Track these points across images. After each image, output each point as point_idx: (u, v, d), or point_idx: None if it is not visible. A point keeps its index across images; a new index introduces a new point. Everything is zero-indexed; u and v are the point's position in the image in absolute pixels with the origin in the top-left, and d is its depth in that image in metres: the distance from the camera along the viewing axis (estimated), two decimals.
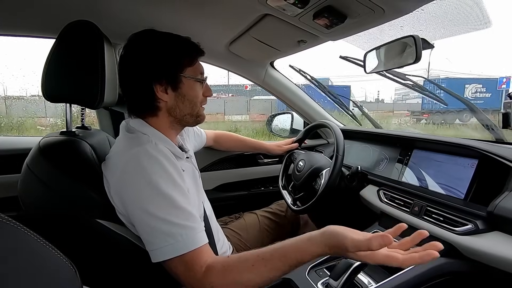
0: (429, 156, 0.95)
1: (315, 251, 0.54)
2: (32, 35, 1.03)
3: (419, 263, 0.47)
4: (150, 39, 0.72)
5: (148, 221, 0.59)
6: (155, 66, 0.70)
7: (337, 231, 0.53)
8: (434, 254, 0.47)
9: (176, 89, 0.72)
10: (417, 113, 12.94)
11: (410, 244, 0.52)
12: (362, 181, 1.11)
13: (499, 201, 0.69)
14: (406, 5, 0.73)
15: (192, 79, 0.74)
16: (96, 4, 0.86)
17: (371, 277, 0.74)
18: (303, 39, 1.02)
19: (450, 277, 0.72)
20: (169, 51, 0.71)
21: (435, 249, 0.48)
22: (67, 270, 0.33)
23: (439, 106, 11.89)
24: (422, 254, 0.48)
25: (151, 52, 0.70)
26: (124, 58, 0.72)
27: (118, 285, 0.70)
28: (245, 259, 0.57)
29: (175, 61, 0.71)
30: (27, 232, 0.29)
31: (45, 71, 0.71)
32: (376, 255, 0.50)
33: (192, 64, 0.74)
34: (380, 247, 0.48)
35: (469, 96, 11.90)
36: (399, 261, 0.49)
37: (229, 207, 1.29)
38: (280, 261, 0.55)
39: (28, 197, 0.68)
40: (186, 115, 0.75)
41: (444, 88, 1.40)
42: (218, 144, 1.29)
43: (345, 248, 0.51)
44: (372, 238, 0.48)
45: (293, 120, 1.60)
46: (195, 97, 0.75)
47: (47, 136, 0.74)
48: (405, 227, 0.53)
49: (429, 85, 11.39)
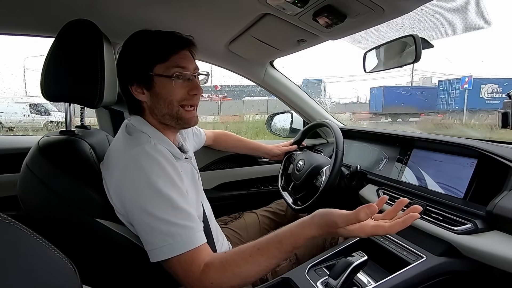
0: (429, 155, 0.95)
1: (308, 234, 0.56)
2: (31, 34, 1.03)
3: (404, 226, 0.52)
4: (130, 40, 0.72)
5: (147, 220, 0.59)
6: (127, 66, 0.71)
7: (325, 211, 0.57)
8: (415, 215, 0.52)
9: (150, 89, 0.69)
10: (432, 114, 13.04)
11: (394, 213, 0.56)
12: (362, 181, 1.11)
13: (498, 201, 0.69)
14: (406, 5, 0.73)
15: (163, 77, 0.68)
16: (95, 3, 0.86)
17: (370, 276, 0.74)
18: (302, 39, 1.01)
19: (450, 276, 0.72)
20: (138, 49, 0.69)
21: (416, 211, 0.53)
22: (67, 270, 0.33)
23: (454, 107, 12.12)
24: (405, 217, 0.52)
25: (126, 52, 0.71)
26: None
27: (118, 284, 0.70)
28: (242, 251, 0.59)
29: (143, 60, 0.68)
30: (26, 232, 0.29)
31: (44, 70, 0.71)
32: (365, 227, 0.54)
33: (164, 60, 0.68)
34: (367, 216, 0.52)
35: (485, 97, 11.90)
36: (386, 228, 0.53)
37: (228, 206, 1.29)
38: (276, 248, 0.57)
39: (28, 196, 0.68)
40: (164, 115, 0.71)
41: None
42: (217, 144, 1.29)
43: (335, 224, 0.54)
44: (359, 209, 0.52)
45: (292, 119, 1.60)
46: (170, 95, 0.69)
47: (46, 136, 0.74)
48: (386, 198, 0.59)
49: (444, 85, 11.25)
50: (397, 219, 0.54)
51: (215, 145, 1.29)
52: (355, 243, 0.85)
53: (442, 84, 12.91)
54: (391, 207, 0.57)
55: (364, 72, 1.09)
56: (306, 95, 1.51)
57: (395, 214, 0.56)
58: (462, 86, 11.91)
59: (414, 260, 0.74)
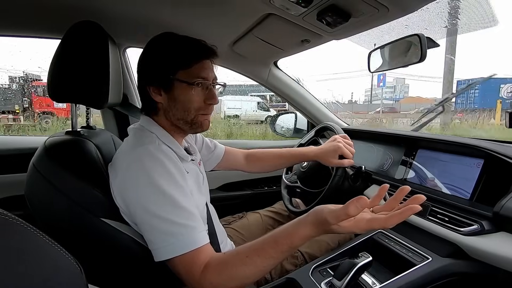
0: (434, 155, 0.94)
1: (303, 233, 0.55)
2: (38, 36, 1.05)
3: (402, 219, 0.48)
4: (156, 40, 0.72)
5: (149, 220, 0.60)
6: (149, 66, 0.71)
7: (319, 208, 0.55)
8: (415, 208, 0.47)
9: (168, 92, 0.70)
10: (452, 112, 13.04)
11: (395, 202, 0.53)
12: (366, 181, 1.11)
13: (505, 202, 0.68)
14: (411, 4, 0.73)
15: (185, 83, 0.69)
16: (100, 5, 0.87)
17: (375, 277, 0.73)
18: (306, 39, 1.01)
19: (456, 278, 0.71)
20: (164, 52, 0.70)
21: (417, 202, 0.48)
22: (73, 269, 0.33)
23: (473, 106, 12.00)
24: (403, 209, 0.48)
25: (150, 52, 0.72)
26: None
27: (123, 284, 0.70)
28: (239, 252, 0.59)
29: (167, 63, 0.69)
30: (34, 231, 0.30)
31: (51, 71, 0.72)
32: (360, 222, 0.51)
33: (187, 67, 0.69)
34: (358, 210, 0.48)
35: (504, 96, 11.91)
36: (382, 221, 0.49)
37: (232, 206, 1.29)
38: (272, 248, 0.56)
39: (34, 196, 0.69)
40: (179, 120, 0.72)
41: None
42: (252, 164, 1.07)
43: (326, 221, 0.51)
44: (348, 203, 0.49)
45: (296, 119, 1.60)
46: (188, 102, 0.70)
47: (52, 136, 0.75)
48: (387, 187, 0.55)
49: (462, 85, 11.14)
50: (395, 211, 0.50)
51: (251, 165, 1.07)
52: (360, 244, 0.84)
53: (460, 84, 13.11)
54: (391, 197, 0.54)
55: (369, 71, 1.08)
56: (311, 95, 1.50)
57: (396, 204, 0.53)
58: (378, 85, 12.17)
59: (420, 261, 0.73)
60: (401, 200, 0.53)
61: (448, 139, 0.91)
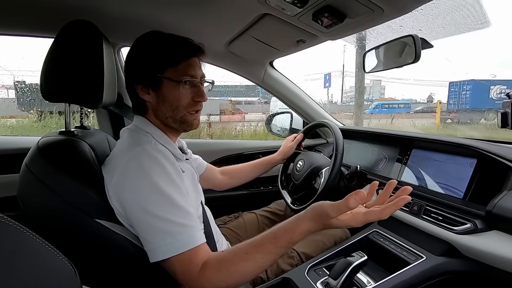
0: (428, 155, 0.95)
1: (302, 228, 0.57)
2: (30, 34, 1.03)
3: (396, 209, 0.52)
4: (142, 39, 0.72)
5: (147, 219, 0.59)
6: (137, 65, 0.71)
7: (318, 204, 0.58)
8: (406, 198, 0.52)
9: (156, 90, 0.70)
10: (445, 113, 13.26)
11: (386, 195, 0.56)
12: (362, 181, 1.12)
13: (498, 200, 0.69)
14: (405, 5, 0.73)
15: (173, 81, 0.69)
16: (95, 4, 0.86)
17: (370, 276, 0.74)
18: (302, 39, 1.02)
19: (449, 276, 0.72)
20: (151, 50, 0.70)
21: (406, 193, 0.53)
22: (67, 270, 0.33)
23: (465, 106, 12.50)
24: (396, 200, 0.52)
25: (137, 51, 0.72)
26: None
27: (118, 285, 0.70)
28: (238, 248, 0.59)
29: (155, 61, 0.69)
30: (26, 232, 0.29)
31: (44, 70, 0.71)
32: (357, 216, 0.55)
33: (175, 65, 0.69)
34: (357, 202, 0.52)
35: (494, 97, 12.19)
36: (378, 212, 0.53)
37: (228, 206, 1.29)
38: (272, 243, 0.57)
39: (27, 196, 0.68)
40: (168, 118, 0.72)
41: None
42: (229, 176, 1.17)
43: (327, 214, 0.54)
44: (348, 196, 0.52)
45: (292, 119, 1.60)
46: (176, 100, 0.70)
47: (46, 136, 0.74)
48: (377, 183, 0.59)
49: (454, 86, 11.72)
50: (388, 203, 0.54)
51: (227, 180, 1.16)
52: (355, 243, 0.85)
53: (452, 85, 13.40)
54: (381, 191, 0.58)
55: (364, 72, 1.09)
56: (306, 95, 1.51)
57: (387, 197, 0.56)
58: (324, 85, 12.92)
59: (414, 260, 0.74)
60: (391, 193, 0.57)
61: (442, 139, 0.92)
